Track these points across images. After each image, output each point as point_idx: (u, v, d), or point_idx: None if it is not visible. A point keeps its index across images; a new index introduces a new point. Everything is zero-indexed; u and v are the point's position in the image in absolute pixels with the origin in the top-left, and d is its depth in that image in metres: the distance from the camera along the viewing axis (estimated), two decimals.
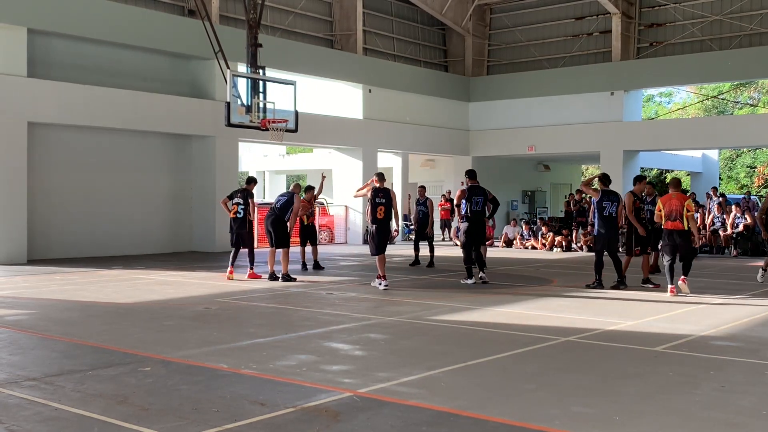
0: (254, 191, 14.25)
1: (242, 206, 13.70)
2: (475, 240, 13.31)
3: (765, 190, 40.56)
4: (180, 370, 6.44)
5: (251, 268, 14.04)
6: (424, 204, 16.91)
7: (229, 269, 13.78)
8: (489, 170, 29.59)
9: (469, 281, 13.15)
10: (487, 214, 13.97)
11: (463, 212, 13.33)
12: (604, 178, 12.75)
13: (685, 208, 11.28)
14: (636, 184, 13.46)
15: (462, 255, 13.48)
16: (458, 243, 15.79)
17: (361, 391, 5.71)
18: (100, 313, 9.74)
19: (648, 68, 25.51)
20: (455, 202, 13.70)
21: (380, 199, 12.43)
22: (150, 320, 9.16)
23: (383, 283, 12.30)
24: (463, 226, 13.41)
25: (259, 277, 13.82)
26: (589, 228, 20.53)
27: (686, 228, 11.24)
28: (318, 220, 21.39)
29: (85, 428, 4.85)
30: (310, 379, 6.10)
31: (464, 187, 13.66)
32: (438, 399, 5.55)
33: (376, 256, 12.43)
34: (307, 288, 12.62)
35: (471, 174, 13.73)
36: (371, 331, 8.41)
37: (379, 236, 12.39)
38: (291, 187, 14.99)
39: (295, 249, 15.11)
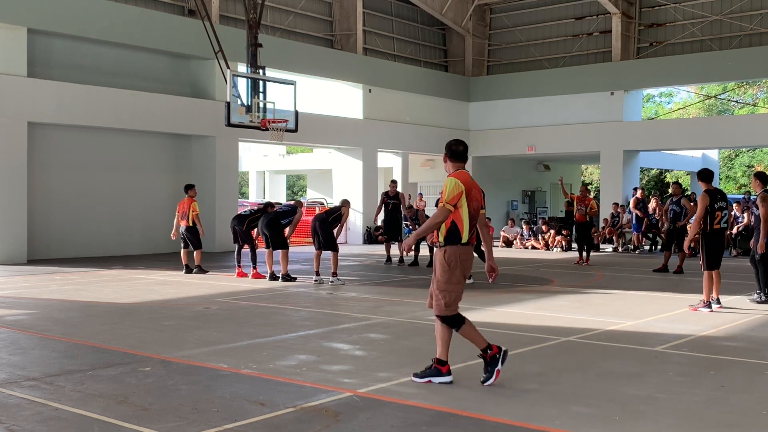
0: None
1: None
2: None
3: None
4: (180, 370, 6.44)
5: (254, 268, 14.11)
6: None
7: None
8: (489, 170, 29.63)
9: (469, 280, 13.17)
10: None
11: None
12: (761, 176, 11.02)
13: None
14: None
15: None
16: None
17: (361, 391, 5.71)
18: (100, 313, 9.74)
19: (648, 68, 25.51)
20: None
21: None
22: (150, 320, 9.16)
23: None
24: None
25: (263, 276, 13.86)
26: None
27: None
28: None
29: (85, 428, 4.85)
30: (310, 379, 6.09)
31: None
32: (438, 399, 5.55)
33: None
34: (307, 288, 12.62)
35: None
36: (371, 331, 8.41)
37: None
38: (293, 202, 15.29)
39: (293, 250, 15.15)
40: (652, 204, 21.41)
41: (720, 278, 10.22)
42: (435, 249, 6.08)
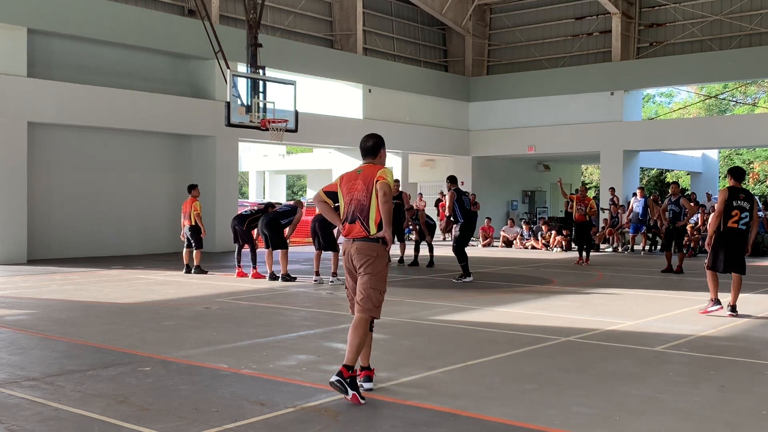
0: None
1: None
2: (468, 239, 14.10)
3: (759, 186, 40.59)
4: (180, 370, 6.44)
5: (254, 268, 14.11)
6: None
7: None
8: (489, 170, 29.64)
9: (469, 278, 13.37)
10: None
11: (458, 216, 13.85)
12: None
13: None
14: None
15: (455, 255, 13.78)
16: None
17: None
18: (101, 313, 9.74)
19: (648, 68, 25.52)
20: (448, 204, 13.91)
21: None
22: (150, 320, 9.16)
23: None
24: (457, 226, 13.93)
25: (263, 276, 13.86)
26: None
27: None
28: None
29: (85, 428, 4.85)
30: (310, 379, 6.09)
31: (454, 188, 14.04)
32: (438, 399, 5.55)
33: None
34: (307, 288, 12.62)
35: (453, 179, 14.22)
36: None
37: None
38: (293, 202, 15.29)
39: (293, 250, 15.15)
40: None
41: (740, 283, 9.59)
42: None
